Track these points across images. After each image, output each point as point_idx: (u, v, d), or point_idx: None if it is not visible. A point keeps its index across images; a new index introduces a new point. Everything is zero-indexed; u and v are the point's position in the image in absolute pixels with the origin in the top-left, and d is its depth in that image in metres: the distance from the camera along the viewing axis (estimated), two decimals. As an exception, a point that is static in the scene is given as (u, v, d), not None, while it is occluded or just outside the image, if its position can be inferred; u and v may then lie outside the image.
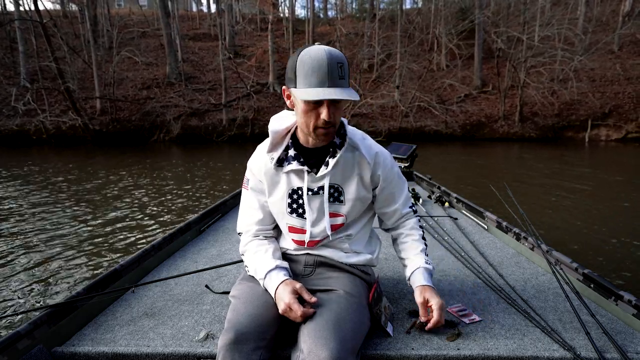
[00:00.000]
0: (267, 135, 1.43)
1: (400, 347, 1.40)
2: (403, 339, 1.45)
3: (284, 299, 1.28)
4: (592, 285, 1.79)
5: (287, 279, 1.36)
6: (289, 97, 1.32)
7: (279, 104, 20.75)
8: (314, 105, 1.25)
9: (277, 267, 1.40)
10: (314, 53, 1.20)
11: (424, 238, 1.59)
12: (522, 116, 19.47)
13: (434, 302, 1.39)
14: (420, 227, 1.61)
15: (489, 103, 20.93)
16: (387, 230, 1.67)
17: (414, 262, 1.52)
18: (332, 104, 1.25)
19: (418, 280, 1.47)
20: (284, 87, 1.33)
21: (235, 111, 19.66)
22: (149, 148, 16.38)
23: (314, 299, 1.31)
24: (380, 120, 19.83)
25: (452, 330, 1.49)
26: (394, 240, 1.66)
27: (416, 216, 1.62)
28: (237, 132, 18.85)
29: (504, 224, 2.68)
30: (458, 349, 1.37)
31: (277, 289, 1.33)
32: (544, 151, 14.58)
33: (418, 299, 1.43)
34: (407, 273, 1.54)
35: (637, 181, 8.67)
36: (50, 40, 17.24)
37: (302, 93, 1.21)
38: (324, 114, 1.24)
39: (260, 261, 1.43)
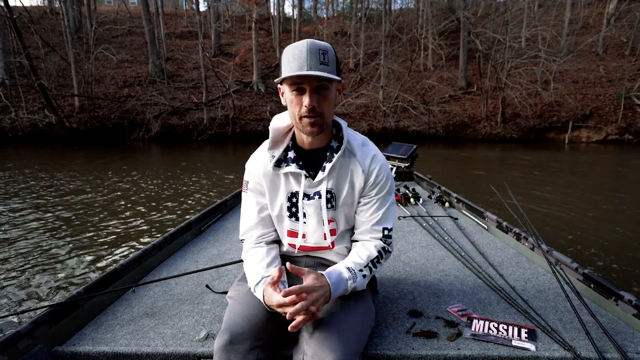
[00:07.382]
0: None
1: (400, 347, 1.40)
2: (403, 338, 1.46)
3: (273, 302, 1.19)
4: (592, 285, 1.81)
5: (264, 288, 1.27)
6: (283, 94, 1.29)
7: (262, 103, 20.65)
8: (297, 93, 1.22)
9: (262, 279, 1.31)
10: (297, 43, 1.20)
11: (374, 263, 1.37)
12: (504, 117, 19.79)
13: (312, 294, 1.16)
14: (380, 254, 1.38)
15: (472, 104, 21.21)
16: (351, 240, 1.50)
17: (341, 264, 1.34)
18: (316, 92, 1.21)
19: (326, 271, 1.28)
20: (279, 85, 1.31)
21: (216, 110, 19.43)
22: (128, 147, 16.03)
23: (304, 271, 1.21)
24: (362, 120, 19.93)
25: (452, 330, 1.49)
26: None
27: (385, 245, 1.40)
28: (218, 131, 18.56)
29: (504, 224, 2.70)
30: (458, 349, 1.38)
31: (264, 300, 1.26)
32: (525, 152, 14.85)
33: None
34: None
35: (620, 181, 8.90)
36: (22, 36, 16.71)
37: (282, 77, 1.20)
38: (306, 100, 1.20)
39: (252, 273, 1.36)
